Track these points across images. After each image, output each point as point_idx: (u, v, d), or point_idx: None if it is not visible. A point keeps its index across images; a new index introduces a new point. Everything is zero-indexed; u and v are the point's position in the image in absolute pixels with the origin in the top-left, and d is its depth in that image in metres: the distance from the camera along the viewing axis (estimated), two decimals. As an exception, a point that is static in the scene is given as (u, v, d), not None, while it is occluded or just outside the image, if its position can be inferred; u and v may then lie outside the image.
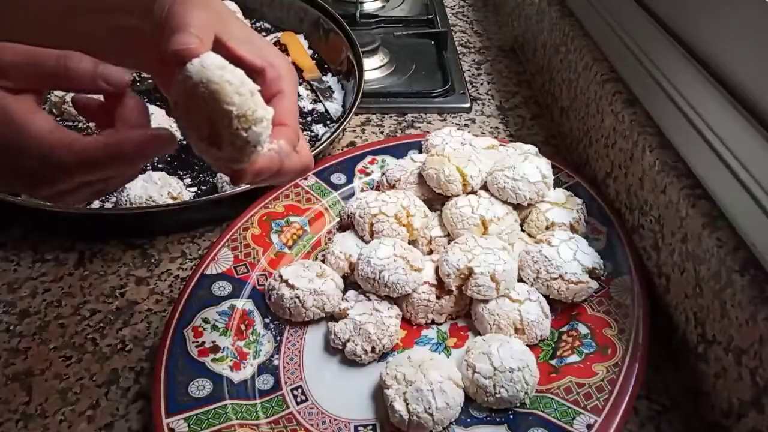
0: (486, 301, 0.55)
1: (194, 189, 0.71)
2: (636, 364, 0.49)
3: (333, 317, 0.56)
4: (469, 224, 0.60)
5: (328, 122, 0.82)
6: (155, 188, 0.65)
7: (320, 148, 0.70)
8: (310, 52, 0.96)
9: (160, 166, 0.73)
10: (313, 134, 0.80)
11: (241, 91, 0.33)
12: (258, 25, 1.03)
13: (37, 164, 0.36)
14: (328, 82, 0.90)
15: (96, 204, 0.67)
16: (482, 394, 0.49)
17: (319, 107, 0.85)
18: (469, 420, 0.49)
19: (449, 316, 0.57)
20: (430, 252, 0.62)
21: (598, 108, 0.69)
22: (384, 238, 0.58)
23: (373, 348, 0.53)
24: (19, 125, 0.35)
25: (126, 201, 0.65)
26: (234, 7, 0.99)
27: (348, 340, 0.53)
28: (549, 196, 0.64)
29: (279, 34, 0.98)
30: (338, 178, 0.70)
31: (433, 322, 0.57)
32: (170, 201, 0.65)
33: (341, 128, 0.73)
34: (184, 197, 0.68)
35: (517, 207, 0.63)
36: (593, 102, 0.70)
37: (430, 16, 1.09)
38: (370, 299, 0.55)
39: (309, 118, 0.83)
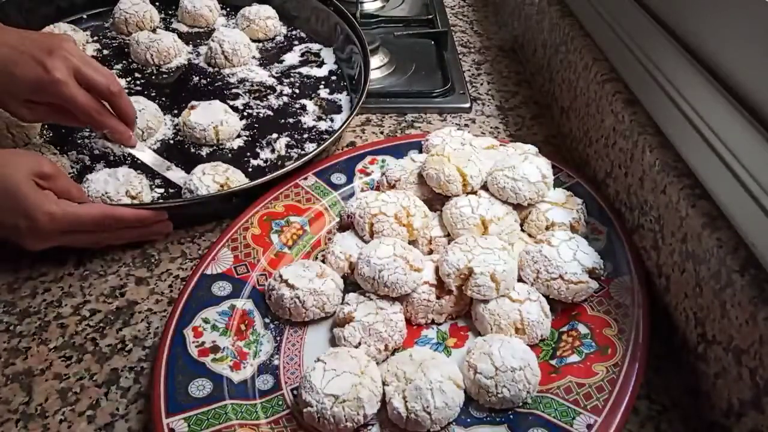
0: (486, 301, 0.55)
1: (161, 190, 0.70)
2: (636, 364, 0.49)
3: (336, 322, 0.55)
4: (469, 224, 0.60)
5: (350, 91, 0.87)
6: (115, 185, 0.64)
7: (320, 148, 0.70)
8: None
9: (128, 162, 0.72)
10: (337, 103, 0.85)
11: None
12: (294, 33, 1.00)
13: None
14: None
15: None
16: (485, 395, 0.49)
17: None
18: (469, 420, 0.49)
19: (449, 316, 0.57)
20: (430, 252, 0.62)
21: (598, 108, 0.69)
22: (384, 238, 0.58)
23: (386, 346, 0.53)
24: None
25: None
26: (271, 12, 0.98)
27: (360, 343, 0.53)
28: (549, 196, 0.64)
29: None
30: (338, 178, 0.70)
31: (433, 322, 0.57)
32: (127, 200, 0.64)
33: (341, 128, 0.73)
34: (145, 198, 0.66)
35: (517, 207, 0.63)
36: (593, 102, 0.70)
37: (430, 16, 1.09)
38: (371, 299, 0.55)
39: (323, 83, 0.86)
